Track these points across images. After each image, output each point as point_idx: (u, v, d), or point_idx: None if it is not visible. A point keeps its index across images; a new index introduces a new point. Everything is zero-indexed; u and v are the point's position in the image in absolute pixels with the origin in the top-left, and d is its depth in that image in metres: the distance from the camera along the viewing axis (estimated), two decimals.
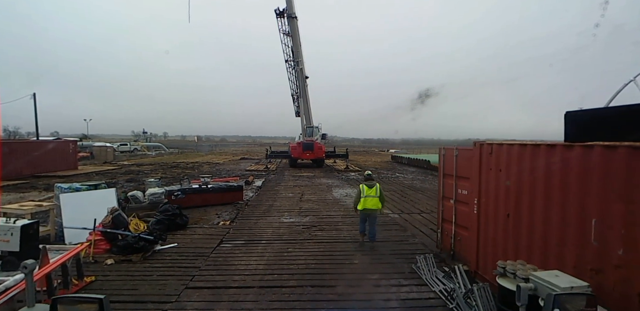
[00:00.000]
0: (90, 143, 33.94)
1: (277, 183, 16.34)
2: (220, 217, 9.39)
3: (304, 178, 18.30)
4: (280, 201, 11.51)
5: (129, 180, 17.43)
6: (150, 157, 40.55)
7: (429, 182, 17.51)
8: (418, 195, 13.13)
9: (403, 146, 74.48)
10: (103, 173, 21.46)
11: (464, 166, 5.54)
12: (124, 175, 19.86)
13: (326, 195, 12.74)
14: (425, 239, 7.27)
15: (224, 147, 72.47)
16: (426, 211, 10.08)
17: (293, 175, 19.75)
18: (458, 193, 5.74)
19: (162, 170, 23.59)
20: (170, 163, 29.64)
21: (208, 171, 22.51)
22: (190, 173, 21.11)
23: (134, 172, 22.03)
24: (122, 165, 27.77)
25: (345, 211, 9.94)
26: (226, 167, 25.83)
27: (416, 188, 15.05)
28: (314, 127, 26.52)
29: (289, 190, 14.14)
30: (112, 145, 34.54)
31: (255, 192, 13.84)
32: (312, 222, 8.61)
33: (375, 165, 29.49)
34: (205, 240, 7.07)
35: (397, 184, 16.27)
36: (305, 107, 26.36)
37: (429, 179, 18.72)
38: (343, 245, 6.83)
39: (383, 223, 8.57)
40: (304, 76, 25.86)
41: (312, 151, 24.34)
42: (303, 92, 25.95)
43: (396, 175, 21.21)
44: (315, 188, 14.54)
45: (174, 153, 48.81)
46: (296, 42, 24.87)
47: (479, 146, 5.12)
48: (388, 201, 11.06)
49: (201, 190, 10.73)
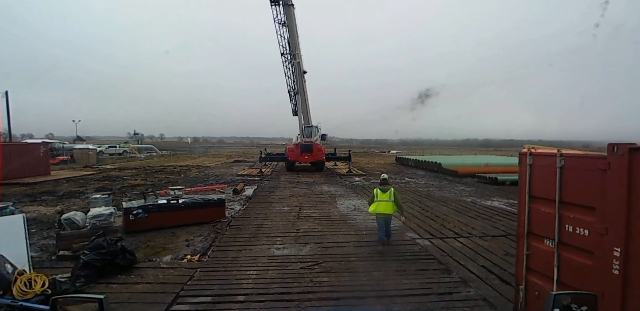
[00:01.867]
0: (71, 146, 31.42)
1: (270, 191, 13.92)
2: (190, 245, 6.98)
3: (303, 185, 15.90)
4: (273, 219, 9.10)
5: (100, 189, 14.98)
6: (138, 159, 38.03)
7: (447, 189, 15.13)
8: (442, 207, 10.75)
9: (403, 146, 72.43)
10: (76, 179, 19.00)
11: (583, 186, 3.17)
12: (98, 183, 17.41)
13: (330, 209, 10.34)
14: (484, 288, 4.88)
15: (219, 149, 69.81)
16: (463, 234, 7.69)
17: (290, 181, 17.34)
18: (566, 231, 3.37)
19: (144, 175, 21.15)
20: (157, 166, 27.21)
21: (194, 176, 20.09)
22: (174, 179, 18.68)
23: (112, 177, 19.58)
24: (103, 169, 25.29)
25: (357, 235, 7.54)
26: (216, 171, 23.39)
27: (435, 197, 12.67)
28: (312, 127, 24.13)
29: (285, 201, 11.74)
30: (95, 147, 32.04)
31: (244, 204, 11.43)
32: (314, 255, 6.21)
33: (379, 167, 27.12)
34: (153, 295, 4.65)
35: (412, 192, 13.89)
36: (304, 104, 23.97)
37: (446, 185, 16.34)
38: (362, 304, 4.43)
39: (413, 256, 6.18)
40: (301, 71, 23.48)
41: (311, 153, 21.94)
42: (301, 88, 23.56)
43: (406, 180, 18.84)
44: (316, 199, 12.14)
45: (165, 155, 46.30)
46: (293, 33, 22.49)
47: (627, 152, 2.76)
48: (409, 218, 8.71)
49: (170, 206, 8.31)
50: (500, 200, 12.34)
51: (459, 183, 17.52)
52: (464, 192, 14.10)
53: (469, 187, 15.77)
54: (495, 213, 9.85)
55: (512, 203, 11.50)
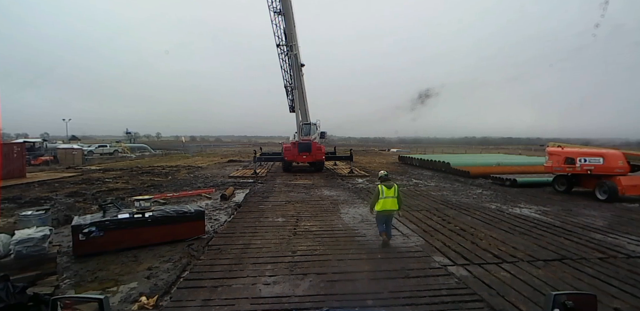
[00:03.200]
0: (55, 145, 29.55)
1: (264, 197, 12.22)
2: (152, 276, 5.29)
3: (300, 189, 14.21)
4: (264, 235, 7.41)
5: (71, 194, 13.27)
6: (129, 159, 36.22)
7: (463, 192, 13.47)
8: (464, 217, 9.09)
9: (402, 145, 70.88)
10: (52, 182, 17.25)
11: None
12: (73, 186, 15.67)
13: (332, 221, 8.65)
14: None
15: (215, 148, 68.01)
16: (505, 257, 6.00)
17: (286, 184, 15.64)
18: None
19: (128, 177, 19.39)
20: (146, 167, 25.44)
21: (182, 179, 18.36)
22: (159, 182, 16.96)
23: (92, 180, 17.82)
24: (87, 170, 23.53)
25: (371, 260, 5.84)
26: (208, 172, 21.67)
27: (453, 204, 11.01)
28: (311, 124, 22.41)
29: (279, 209, 10.06)
30: (80, 146, 30.18)
31: (231, 213, 9.74)
32: (316, 296, 4.52)
33: (382, 167, 25.45)
34: None
35: (424, 197, 12.22)
36: (301, 100, 22.24)
37: (460, 188, 14.69)
38: None
39: (451, 295, 4.51)
40: (299, 64, 21.75)
41: (309, 153, 20.24)
42: (298, 83, 21.82)
43: (413, 181, 17.19)
44: (316, 206, 10.46)
45: (158, 155, 44.47)
46: (289, 23, 20.72)
47: None
48: (430, 233, 7.09)
49: (133, 222, 6.61)
50: (528, 206, 10.69)
51: (473, 185, 15.88)
52: (484, 197, 12.44)
53: (487, 190, 14.12)
54: (533, 226, 8.19)
55: (546, 212, 9.85)
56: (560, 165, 12.83)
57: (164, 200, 11.48)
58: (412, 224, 8.25)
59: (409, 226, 8.07)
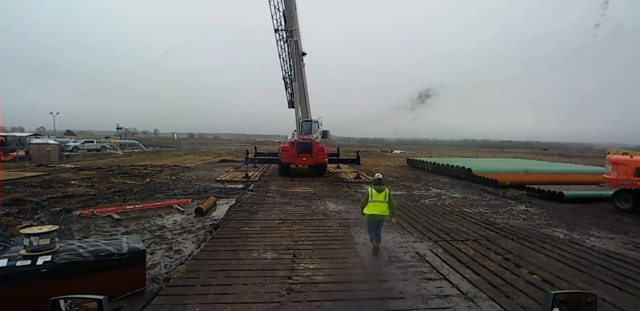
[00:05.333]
0: (30, 140, 26.69)
1: (251, 212, 9.47)
2: None
3: (299, 200, 11.47)
4: (239, 293, 4.62)
5: (11, 202, 10.51)
6: (114, 157, 33.37)
7: (503, 209, 10.73)
8: (532, 253, 6.34)
9: (403, 146, 68.31)
10: (4, 183, 14.43)
11: None
12: (27, 189, 12.89)
13: (347, 260, 5.90)
14: None
15: (211, 146, 65.15)
16: None
17: (282, 193, 12.89)
18: None
19: (99, 178, 16.58)
20: (127, 166, 22.63)
21: (161, 182, 15.60)
22: (131, 187, 14.18)
23: (54, 182, 15.03)
24: (59, 169, 20.76)
25: None
26: (193, 174, 18.91)
27: (501, 227, 8.28)
28: (312, 121, 19.67)
29: (269, 235, 7.31)
30: (56, 142, 27.30)
31: (202, 239, 6.99)
32: None
33: (390, 171, 22.73)
34: None
35: (459, 216, 9.47)
36: (302, 93, 19.48)
37: (493, 202, 11.97)
38: None
39: None
40: (299, 52, 18.97)
41: (310, 154, 17.48)
42: (298, 74, 19.04)
43: (433, 190, 14.48)
44: (320, 231, 7.71)
45: (147, 152, 41.59)
46: (290, 4, 17.92)
47: None
48: (503, 290, 4.35)
49: (13, 275, 3.87)
50: (605, 234, 7.95)
51: (507, 197, 13.18)
52: (535, 217, 9.71)
53: (529, 206, 11.41)
54: None
55: (638, 245, 7.12)
56: (630, 178, 10.14)
57: (118, 216, 8.72)
58: (467, 269, 5.52)
59: (464, 273, 5.33)
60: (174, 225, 8.17)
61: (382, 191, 6.25)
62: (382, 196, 6.21)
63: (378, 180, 6.53)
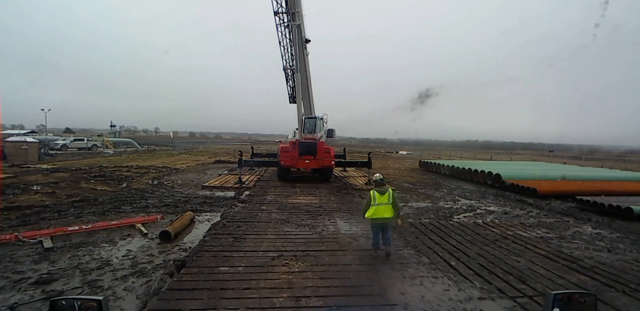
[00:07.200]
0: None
1: (237, 237, 7.00)
2: None
3: (301, 216, 9.01)
4: None
5: None
6: (103, 156, 31.03)
7: (565, 232, 8.27)
8: None
9: (405, 146, 65.93)
10: None
11: None
12: None
13: None
14: None
15: (210, 145, 62.73)
16: None
17: (280, 205, 10.43)
18: None
19: (68, 182, 14.17)
20: (109, 168, 20.22)
21: (139, 188, 13.19)
22: (99, 194, 11.78)
23: (14, 187, 12.64)
24: (31, 170, 18.40)
25: None
26: (180, 178, 16.49)
27: (591, 268, 5.82)
28: (316, 118, 17.24)
29: (258, 279, 4.89)
30: (34, 140, 24.91)
31: (151, 294, 4.55)
32: None
33: (403, 175, 20.27)
34: None
35: (519, 245, 6.99)
36: (304, 86, 17.04)
37: (547, 220, 9.50)
38: None
39: None
40: (303, 38, 16.50)
41: (314, 156, 15.01)
42: (301, 64, 16.57)
43: (460, 201, 12.02)
44: (334, 275, 5.27)
45: (139, 151, 39.23)
46: None
47: None
48: None
49: None
50: None
51: (557, 212, 10.72)
52: (619, 246, 7.21)
53: (598, 226, 8.93)
54: None
55: None
56: None
57: (50, 245, 6.28)
58: None
59: None
60: (124, 259, 5.75)
61: (384, 193, 5.96)
62: (385, 198, 5.93)
63: (379, 181, 6.17)
